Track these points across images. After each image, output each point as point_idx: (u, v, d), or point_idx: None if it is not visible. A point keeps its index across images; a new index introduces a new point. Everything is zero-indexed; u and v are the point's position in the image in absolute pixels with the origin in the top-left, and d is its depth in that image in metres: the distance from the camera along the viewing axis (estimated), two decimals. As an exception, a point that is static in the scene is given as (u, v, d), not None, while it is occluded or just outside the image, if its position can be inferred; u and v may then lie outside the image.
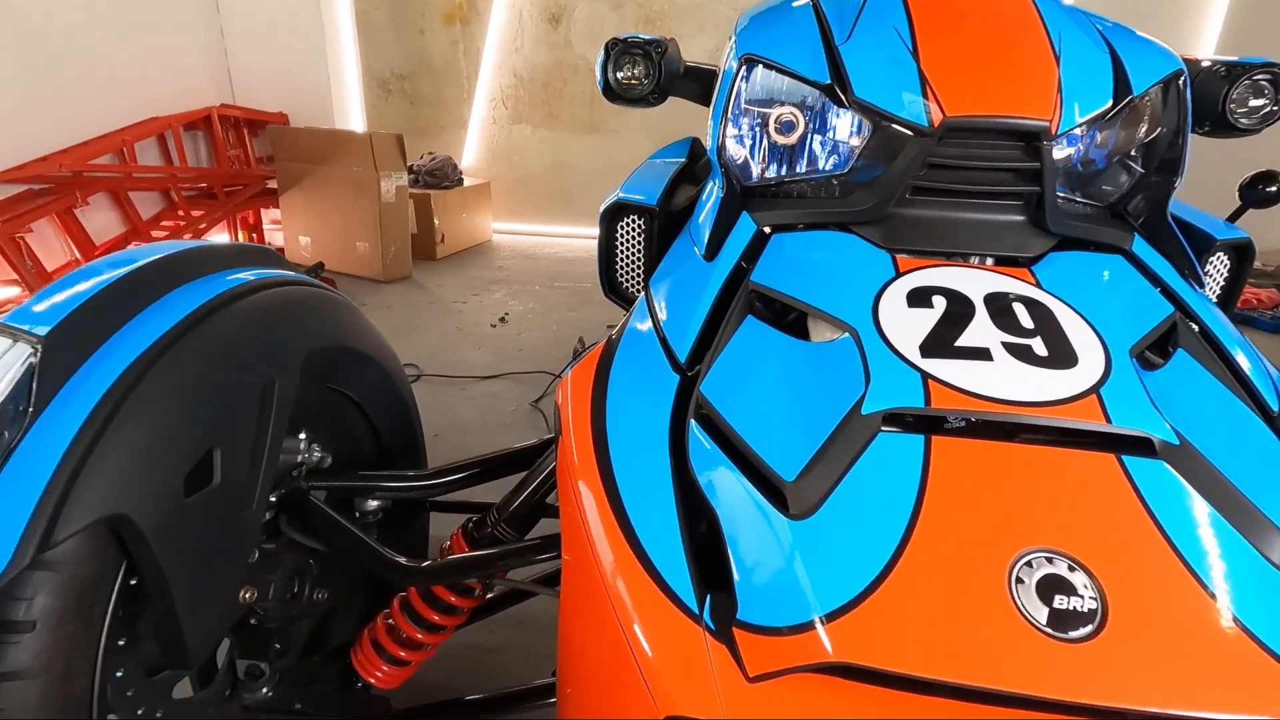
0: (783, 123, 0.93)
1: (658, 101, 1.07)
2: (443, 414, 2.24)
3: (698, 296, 0.85)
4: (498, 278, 3.77)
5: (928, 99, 0.76)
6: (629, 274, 1.10)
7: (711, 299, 0.84)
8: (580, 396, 0.82)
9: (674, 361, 0.80)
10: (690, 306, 0.85)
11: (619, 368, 0.83)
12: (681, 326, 0.83)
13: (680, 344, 0.82)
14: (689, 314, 0.84)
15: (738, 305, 0.81)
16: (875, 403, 0.62)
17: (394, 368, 1.06)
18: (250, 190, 3.75)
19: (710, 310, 0.83)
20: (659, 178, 1.11)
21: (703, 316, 0.82)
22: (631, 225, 1.07)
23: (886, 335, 0.68)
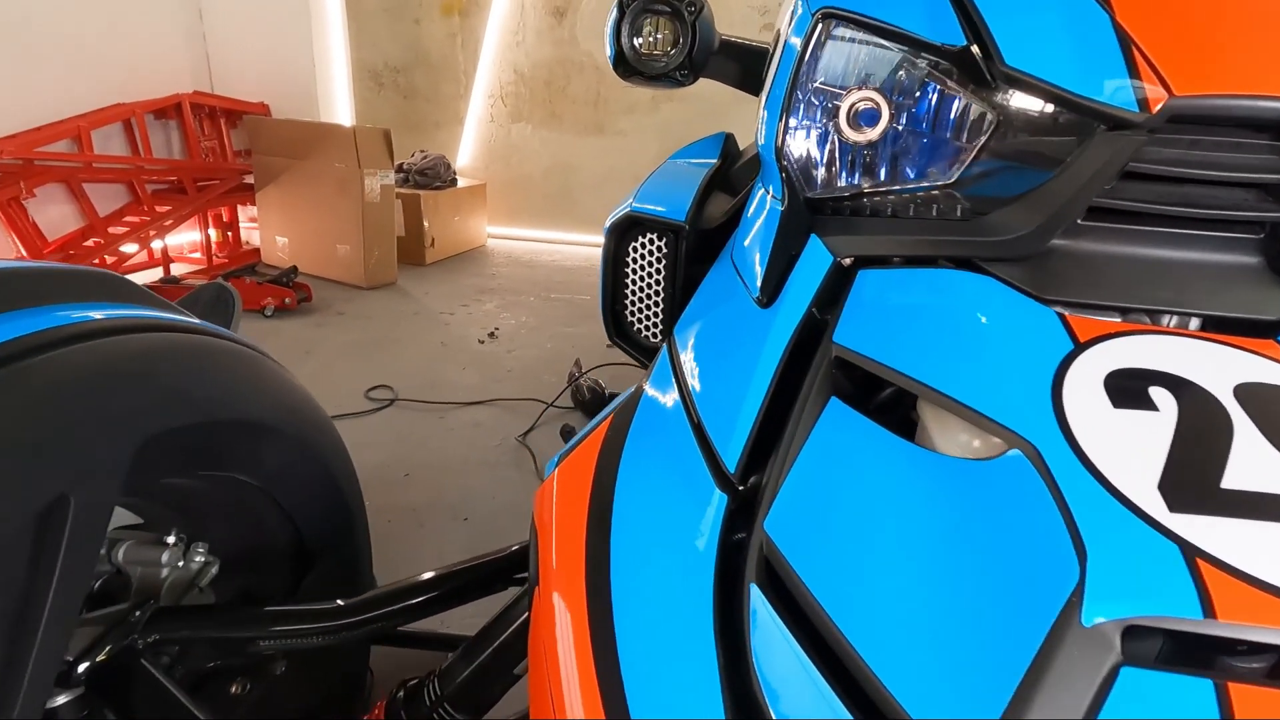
0: (863, 110, 0.65)
1: (687, 80, 0.79)
2: (417, 447, 1.95)
3: (752, 361, 0.57)
4: (490, 287, 3.49)
5: (1137, 71, 0.48)
6: (643, 314, 0.81)
7: (773, 367, 0.56)
8: (569, 520, 0.54)
9: (718, 469, 0.52)
10: (741, 377, 0.57)
11: (631, 472, 0.55)
12: (729, 409, 0.55)
13: (728, 438, 0.53)
14: (740, 389, 0.56)
15: (816, 380, 0.52)
16: (1105, 603, 0.33)
17: (317, 437, 0.78)
18: (225, 185, 3.46)
19: (772, 384, 0.55)
20: (686, 184, 0.82)
21: (761, 395, 0.54)
22: (649, 248, 0.78)
23: (1094, 461, 0.40)
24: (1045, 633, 0.33)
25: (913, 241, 0.61)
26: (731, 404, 0.55)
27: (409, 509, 1.64)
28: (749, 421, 0.53)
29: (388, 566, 1.43)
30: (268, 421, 0.70)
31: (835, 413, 0.51)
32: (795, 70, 0.65)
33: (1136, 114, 0.47)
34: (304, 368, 2.43)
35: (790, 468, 0.48)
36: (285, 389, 0.76)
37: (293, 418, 0.74)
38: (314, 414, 0.80)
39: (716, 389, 0.57)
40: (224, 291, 1.53)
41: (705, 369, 0.60)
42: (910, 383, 0.49)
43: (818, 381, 0.52)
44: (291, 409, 0.75)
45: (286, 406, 0.74)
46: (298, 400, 0.78)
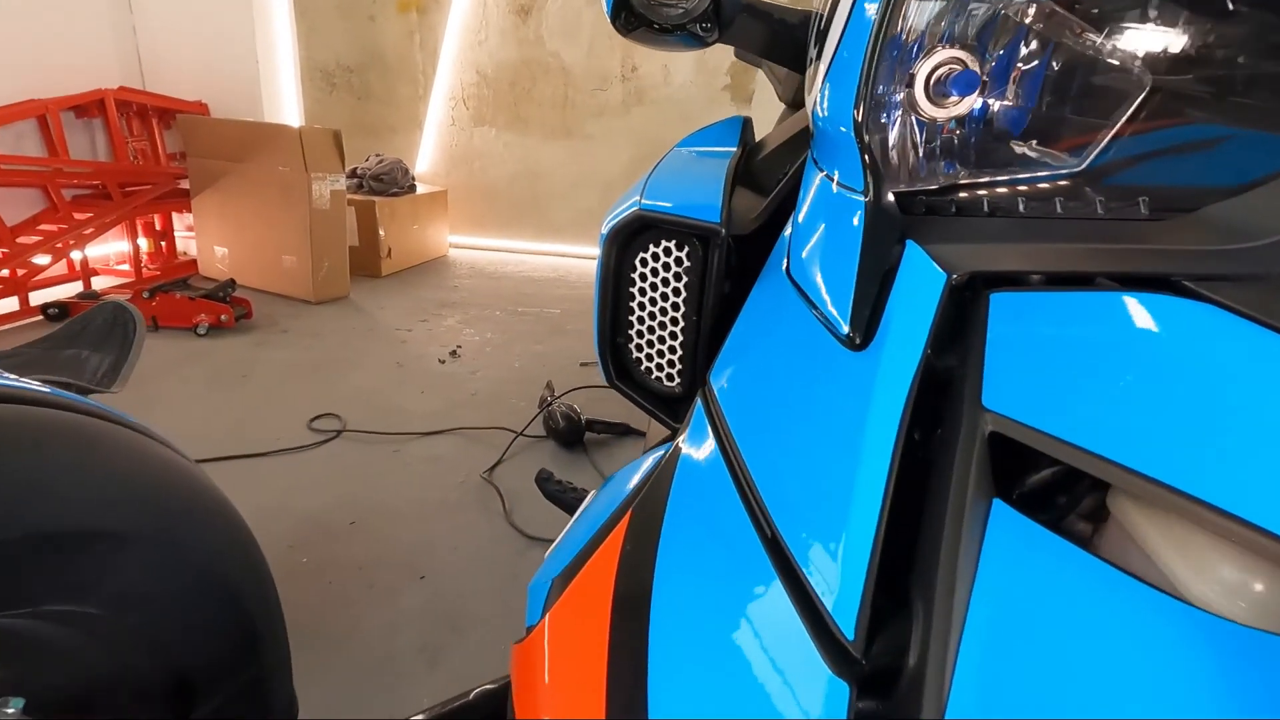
0: (958, 79, 0.48)
1: (709, 37, 0.59)
2: (366, 486, 1.70)
3: (854, 440, 0.37)
4: (452, 300, 3.24)
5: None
6: (656, 349, 0.60)
7: (889, 450, 0.36)
8: (579, 681, 0.33)
9: (828, 637, 0.31)
10: (841, 467, 0.37)
11: (673, 635, 0.34)
12: (830, 525, 0.35)
13: (834, 579, 0.33)
14: (842, 490, 0.36)
15: (972, 476, 0.33)
16: None
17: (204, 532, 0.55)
18: (156, 191, 3.15)
19: (892, 480, 0.35)
20: (707, 177, 0.62)
21: (878, 502, 0.34)
22: (666, 260, 0.57)
23: None
24: None
25: (1066, 252, 0.42)
26: (830, 512, 0.34)
27: (354, 566, 1.40)
28: (866, 546, 0.33)
29: (324, 650, 1.18)
30: (119, 529, 0.48)
31: (1009, 531, 0.31)
32: (884, 19, 0.46)
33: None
34: (238, 395, 2.16)
35: (959, 638, 0.28)
36: (156, 476, 0.53)
37: (165, 516, 0.51)
38: (204, 504, 0.57)
39: (799, 483, 0.37)
40: (121, 312, 1.27)
41: (774, 445, 0.40)
42: (1132, 478, 0.29)
43: (974, 476, 0.33)
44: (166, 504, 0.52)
45: (155, 502, 0.51)
46: (177, 488, 0.55)
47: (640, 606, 0.35)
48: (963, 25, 0.53)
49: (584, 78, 3.97)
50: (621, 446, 1.97)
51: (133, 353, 1.18)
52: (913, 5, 0.49)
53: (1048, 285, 0.42)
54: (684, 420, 0.58)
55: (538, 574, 0.45)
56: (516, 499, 1.67)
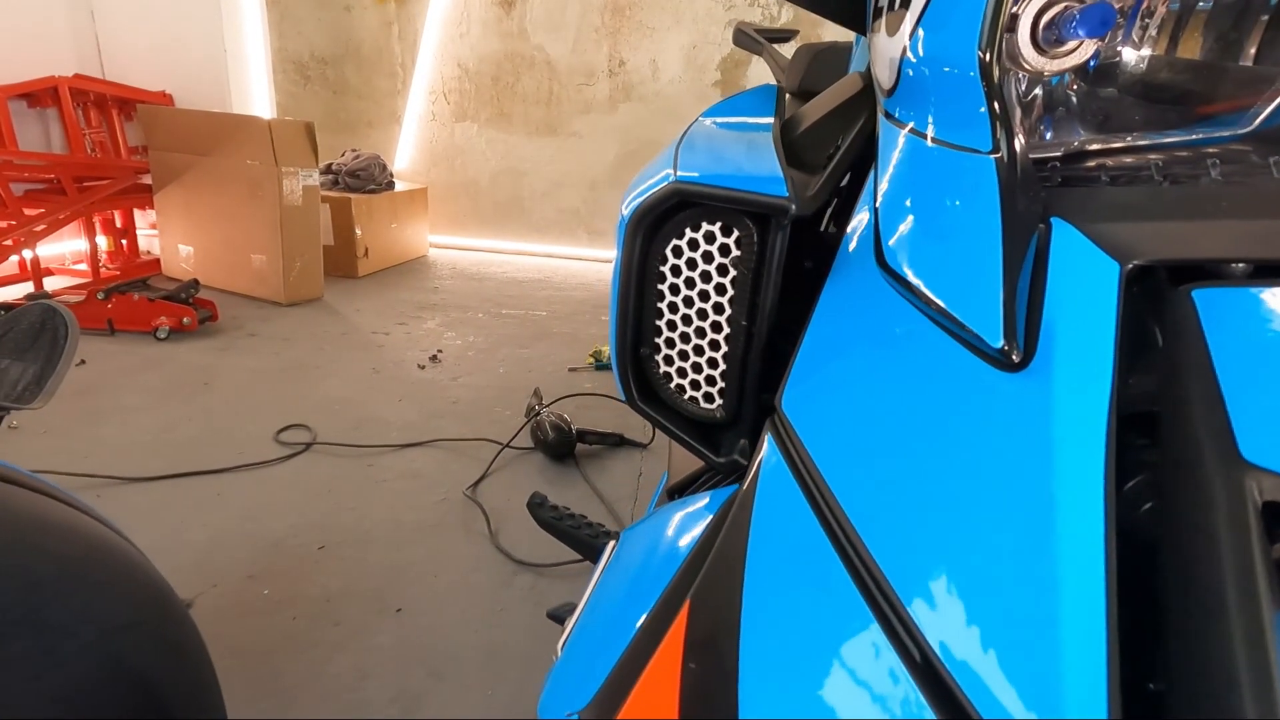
0: (1060, 20, 0.35)
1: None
2: (337, 507, 1.55)
3: (1041, 503, 0.24)
4: (432, 302, 3.09)
5: None
6: (691, 364, 0.47)
7: (1100, 512, 0.22)
8: None
9: None
10: (1019, 543, 0.23)
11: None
12: (1009, 631, 0.21)
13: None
14: (1033, 578, 0.22)
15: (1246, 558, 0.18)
16: None
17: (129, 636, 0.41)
18: (116, 185, 2.96)
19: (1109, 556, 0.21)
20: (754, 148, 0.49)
21: (1100, 600, 0.20)
22: (708, 250, 0.44)
23: None
24: None
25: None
26: (1020, 623, 0.22)
27: (321, 599, 1.25)
28: (1097, 679, 0.20)
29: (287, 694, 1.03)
30: None
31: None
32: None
33: None
34: (199, 404, 1.99)
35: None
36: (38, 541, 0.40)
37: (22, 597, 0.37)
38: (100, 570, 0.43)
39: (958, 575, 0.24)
40: (51, 316, 1.11)
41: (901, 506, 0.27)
42: None
43: (1262, 573, 0.21)
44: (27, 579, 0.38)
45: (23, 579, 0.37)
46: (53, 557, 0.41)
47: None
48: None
49: (569, 72, 3.84)
50: (616, 459, 1.84)
51: (62, 362, 1.03)
52: None
53: (1258, 279, 0.30)
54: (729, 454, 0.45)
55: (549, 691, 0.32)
56: (502, 518, 1.54)
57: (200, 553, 1.33)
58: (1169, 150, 0.40)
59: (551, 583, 1.35)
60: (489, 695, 1.08)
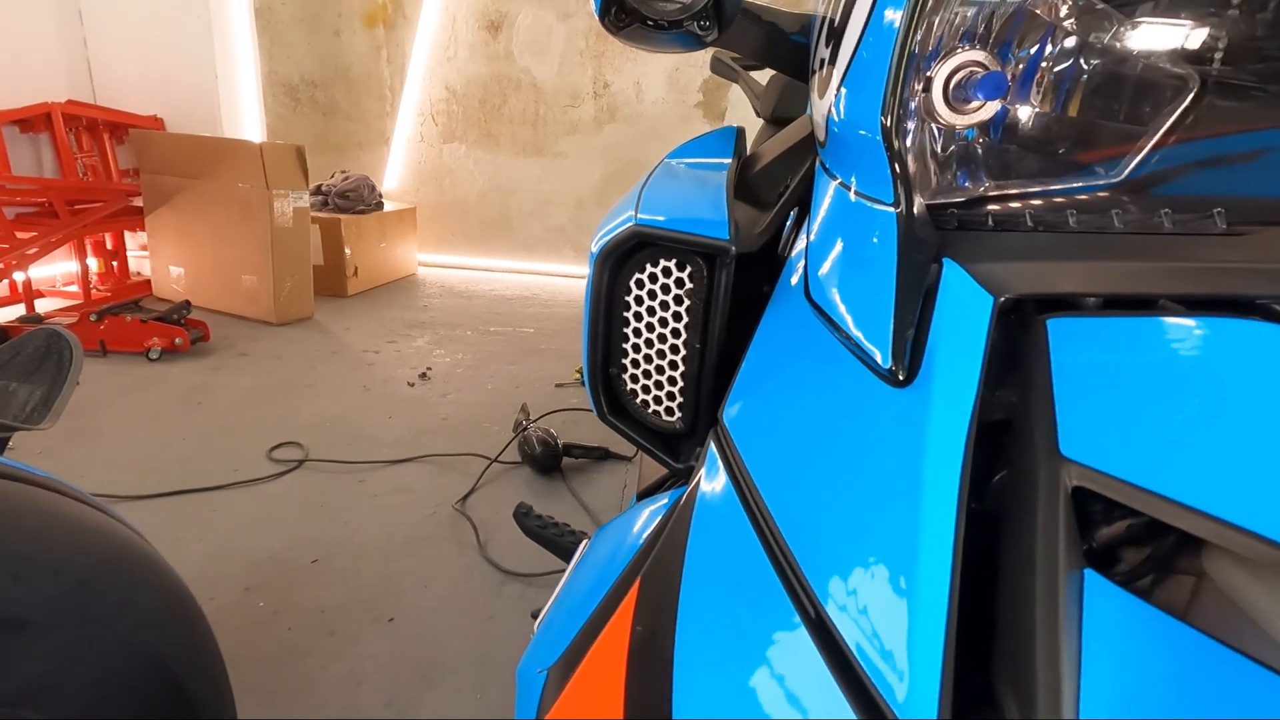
0: (987, 81, 0.44)
1: (707, 36, 0.54)
2: (329, 521, 1.60)
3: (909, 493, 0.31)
4: (421, 320, 3.14)
5: None
6: (654, 381, 0.54)
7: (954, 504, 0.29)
8: None
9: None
10: (899, 522, 0.31)
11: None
12: (888, 599, 0.28)
13: (896, 665, 0.26)
14: (905, 550, 0.29)
15: (1054, 534, 0.26)
16: None
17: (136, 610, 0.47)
18: (108, 209, 3.00)
19: (958, 542, 0.28)
20: (707, 190, 0.56)
21: (948, 562, 0.27)
22: (664, 282, 0.51)
23: None
24: None
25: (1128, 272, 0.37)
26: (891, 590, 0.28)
27: (315, 610, 1.30)
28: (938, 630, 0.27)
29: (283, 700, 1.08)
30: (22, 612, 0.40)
31: (1108, 607, 0.26)
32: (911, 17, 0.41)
33: None
34: (192, 423, 2.03)
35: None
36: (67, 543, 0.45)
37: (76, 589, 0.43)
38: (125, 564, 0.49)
39: (848, 552, 0.31)
40: (56, 341, 1.16)
41: (809, 499, 0.34)
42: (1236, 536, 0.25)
43: (1063, 544, 0.27)
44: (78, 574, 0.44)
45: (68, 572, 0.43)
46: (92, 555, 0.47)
47: (659, 705, 0.29)
48: (984, 23, 0.49)
49: (555, 94, 3.93)
50: (601, 472, 1.90)
51: (67, 385, 1.08)
52: (946, 5, 0.44)
53: (1108, 309, 0.37)
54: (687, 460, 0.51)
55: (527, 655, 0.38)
56: (491, 530, 1.59)
57: (197, 567, 1.37)
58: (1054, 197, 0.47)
59: (539, 591, 1.40)
60: (479, 699, 1.12)
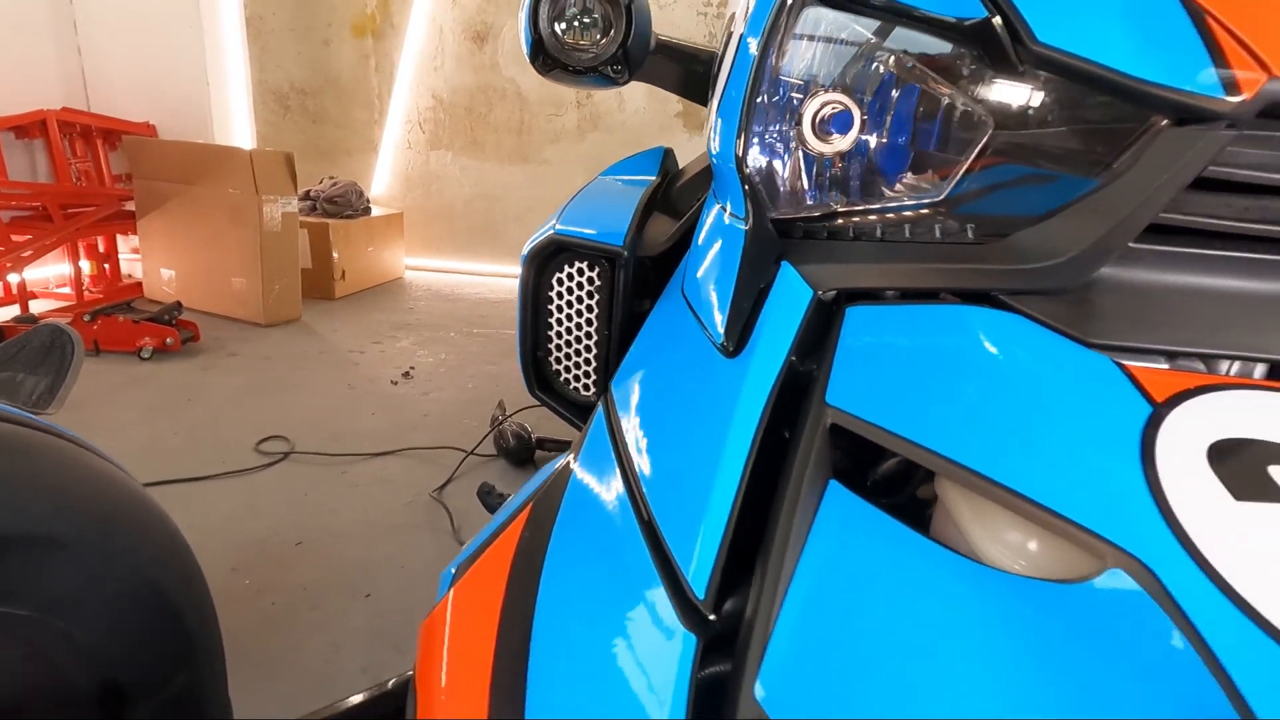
0: (835, 118, 0.54)
1: (621, 78, 0.65)
2: (314, 509, 1.70)
3: (720, 432, 0.43)
4: (406, 322, 3.24)
5: (1219, 49, 0.37)
6: (572, 361, 0.65)
7: (749, 439, 0.41)
8: (467, 670, 0.38)
9: (682, 595, 0.37)
10: (706, 455, 0.42)
11: (557, 598, 0.40)
12: (693, 503, 0.40)
13: (692, 547, 0.39)
14: (706, 473, 0.41)
15: (811, 459, 0.39)
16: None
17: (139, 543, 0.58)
18: (101, 212, 3.09)
19: (749, 465, 0.40)
20: (622, 204, 0.68)
21: (735, 483, 0.39)
22: (578, 280, 0.62)
23: (1236, 588, 0.28)
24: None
25: (913, 271, 0.48)
26: (695, 495, 0.40)
27: (299, 587, 1.40)
28: (721, 522, 0.38)
29: (267, 667, 1.18)
30: (54, 533, 0.50)
31: (839, 506, 0.37)
32: (759, 63, 0.52)
33: (1222, 102, 0.36)
34: (183, 419, 2.13)
35: (784, 594, 0.33)
36: (92, 485, 0.56)
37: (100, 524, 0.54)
38: (140, 515, 0.59)
39: (674, 472, 0.42)
40: (59, 335, 1.27)
41: (656, 441, 0.45)
42: (943, 463, 0.35)
43: (813, 461, 0.38)
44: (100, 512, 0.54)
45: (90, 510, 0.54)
46: (113, 498, 0.57)
47: (531, 581, 0.40)
48: (843, 71, 0.60)
49: (539, 103, 4.04)
50: (572, 464, 2.01)
51: (70, 375, 1.18)
52: (792, 51, 0.55)
53: (901, 300, 0.49)
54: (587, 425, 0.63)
55: (455, 561, 0.49)
56: (465, 517, 1.69)
57: (187, 550, 1.47)
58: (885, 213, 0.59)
59: (508, 572, 1.50)
60: (447, 664, 1.23)
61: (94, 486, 0.55)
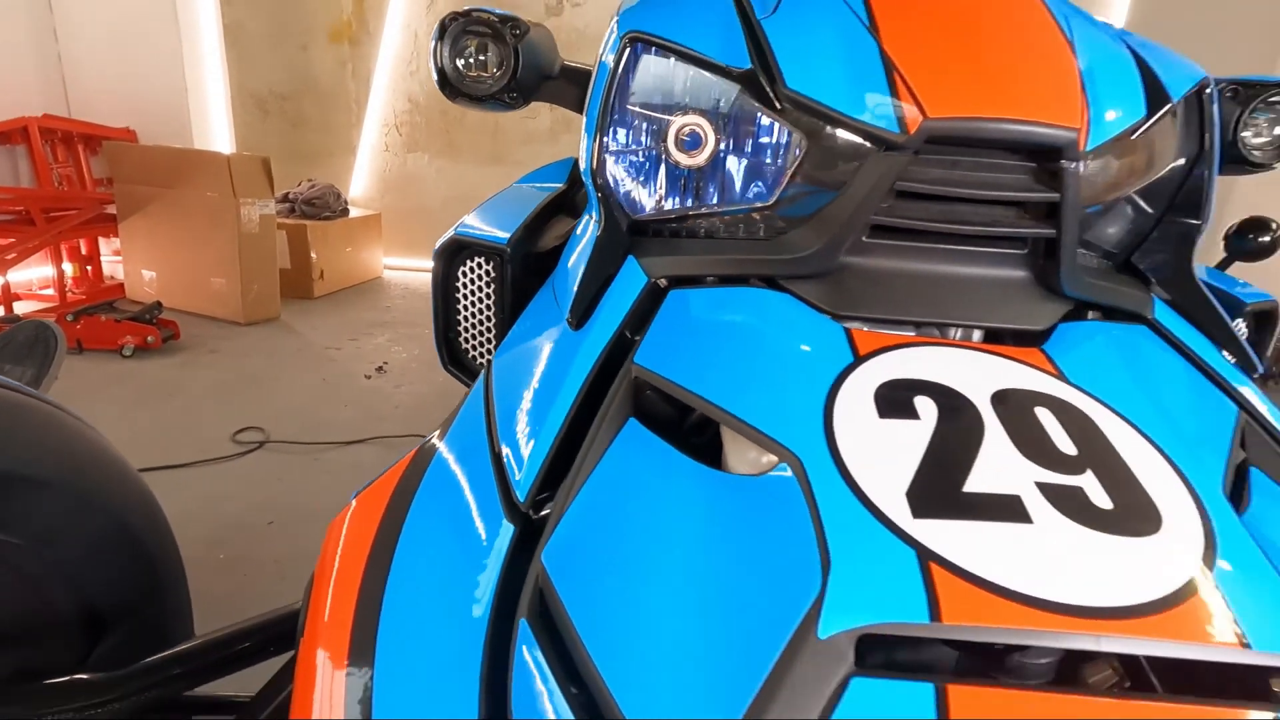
0: (686, 136, 0.66)
1: (517, 104, 0.78)
2: (286, 492, 1.82)
3: (556, 385, 0.56)
4: (383, 320, 3.35)
5: (897, 93, 0.50)
6: (476, 339, 0.78)
7: (576, 389, 0.54)
8: (351, 557, 0.50)
9: (509, 497, 0.49)
10: (544, 401, 0.55)
11: (425, 504, 0.52)
12: (528, 435, 0.53)
13: (522, 466, 0.51)
14: (541, 414, 0.54)
15: (614, 402, 0.51)
16: (841, 614, 0.34)
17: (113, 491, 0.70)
18: (82, 216, 3.18)
19: (573, 408, 0.53)
20: (522, 207, 0.81)
21: (560, 420, 0.52)
22: (477, 272, 0.75)
23: (851, 472, 0.41)
24: (782, 647, 0.32)
25: (724, 261, 0.61)
26: (531, 430, 0.52)
27: (270, 560, 1.52)
28: (545, 448, 0.50)
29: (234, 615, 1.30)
30: (39, 475, 0.62)
31: (631, 436, 0.49)
32: (608, 92, 0.65)
33: (898, 135, 0.49)
34: (164, 413, 2.24)
35: (574, 497, 0.46)
36: (70, 440, 0.68)
37: (78, 471, 0.66)
38: (111, 467, 0.71)
39: (519, 415, 0.55)
40: (43, 330, 1.39)
41: (512, 394, 0.58)
42: (701, 403, 0.48)
43: (615, 403, 0.51)
44: (78, 461, 0.67)
45: (69, 459, 0.66)
46: (88, 452, 0.69)
47: (409, 495, 0.52)
48: (690, 98, 0.73)
49: (513, 107, 4.16)
50: (532, 449, 2.14)
51: (54, 366, 1.29)
52: (636, 80, 0.67)
53: (717, 284, 0.61)
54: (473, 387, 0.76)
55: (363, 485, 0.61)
56: (429, 498, 1.81)
57: (166, 529, 1.59)
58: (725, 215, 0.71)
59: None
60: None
61: (69, 438, 0.67)
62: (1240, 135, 0.74)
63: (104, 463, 0.70)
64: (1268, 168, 0.75)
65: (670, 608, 0.37)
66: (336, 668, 0.42)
